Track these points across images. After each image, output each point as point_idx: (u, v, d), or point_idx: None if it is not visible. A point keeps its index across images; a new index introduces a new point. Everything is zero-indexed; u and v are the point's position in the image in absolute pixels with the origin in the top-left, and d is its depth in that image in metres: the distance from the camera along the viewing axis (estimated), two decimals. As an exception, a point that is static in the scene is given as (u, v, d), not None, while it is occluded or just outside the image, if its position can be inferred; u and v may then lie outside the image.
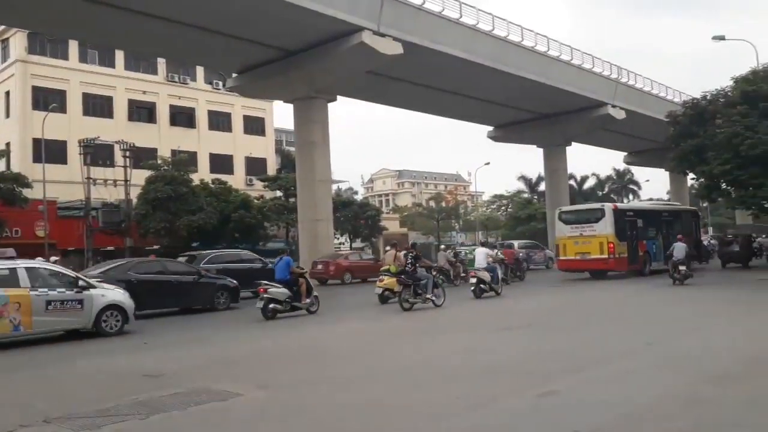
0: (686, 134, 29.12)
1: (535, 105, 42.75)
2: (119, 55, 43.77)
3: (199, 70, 47.44)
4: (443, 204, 77.86)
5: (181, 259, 20.96)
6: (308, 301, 15.37)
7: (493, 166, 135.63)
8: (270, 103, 50.08)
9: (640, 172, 79.56)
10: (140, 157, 35.52)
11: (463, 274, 22.87)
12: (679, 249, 20.68)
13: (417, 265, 15.70)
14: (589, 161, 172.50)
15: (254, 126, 51.36)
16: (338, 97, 33.54)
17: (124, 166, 32.40)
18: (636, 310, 14.67)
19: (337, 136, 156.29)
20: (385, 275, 17.38)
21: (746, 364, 7.53)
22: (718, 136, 25.90)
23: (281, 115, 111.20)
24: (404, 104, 42.52)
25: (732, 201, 29.75)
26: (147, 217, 32.23)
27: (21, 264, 12.15)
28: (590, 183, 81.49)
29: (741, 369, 7.31)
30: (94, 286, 12.62)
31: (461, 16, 32.18)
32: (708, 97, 29.50)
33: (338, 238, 46.06)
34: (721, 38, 29.72)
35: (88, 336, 12.37)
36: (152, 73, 46.02)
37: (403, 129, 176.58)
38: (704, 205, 38.78)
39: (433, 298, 15.54)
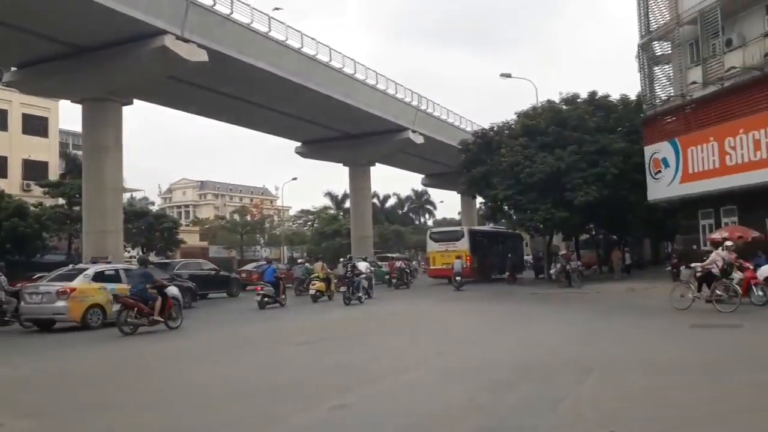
0: (476, 161, 31.79)
1: (341, 125, 43.72)
2: None
3: (-32, 60, 41.31)
4: (248, 218, 76.26)
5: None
6: (283, 297, 20.92)
7: (302, 182, 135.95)
8: (56, 102, 45.16)
9: (436, 194, 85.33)
10: None
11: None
12: (457, 264, 27.61)
13: (354, 273, 21.54)
14: (392, 181, 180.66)
15: (35, 126, 45.72)
16: (136, 100, 31.35)
17: None
18: (437, 320, 15.83)
19: (132, 141, 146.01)
20: (316, 281, 23.07)
21: (519, 372, 8.17)
22: (503, 164, 28.62)
23: (69, 115, 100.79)
24: (210, 113, 40.98)
25: (513, 222, 33.03)
26: None
27: (120, 267, 17.04)
28: (392, 202, 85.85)
29: (515, 376, 7.85)
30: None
31: (270, 30, 31.96)
32: (495, 129, 32.53)
33: (129, 251, 42.77)
34: (508, 76, 32.96)
35: None
36: None
37: (207, 138, 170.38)
38: (489, 225, 42.52)
39: (361, 295, 21.45)
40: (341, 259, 25.23)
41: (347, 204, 63.54)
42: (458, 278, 27.33)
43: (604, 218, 31.41)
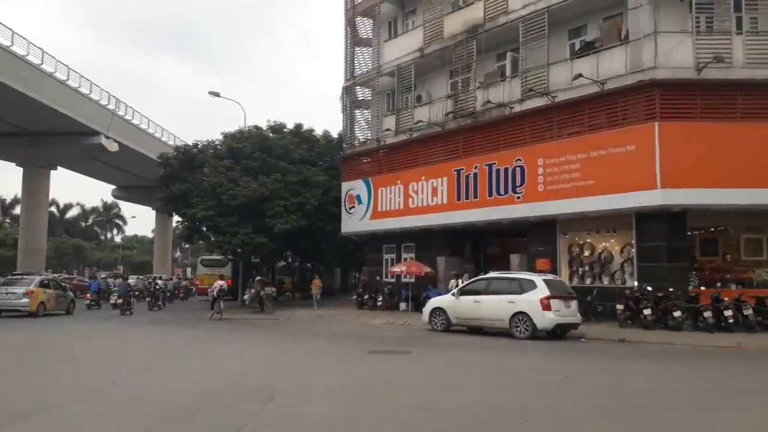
0: (176, 177, 30.23)
1: (19, 119, 37.94)
2: None
3: None
4: None
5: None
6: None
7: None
8: None
9: (128, 208, 79.23)
10: None
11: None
12: (123, 284, 26.86)
13: (155, 288, 28.83)
14: (76, 189, 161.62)
15: None
16: None
17: None
18: (114, 347, 14.17)
19: None
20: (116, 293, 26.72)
21: (199, 400, 7.77)
22: (205, 184, 27.64)
23: None
24: None
25: (211, 244, 32.07)
26: None
27: (50, 277, 26.64)
28: (74, 212, 77.09)
29: (194, 405, 7.49)
30: (67, 289, 25.89)
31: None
32: (199, 146, 31.44)
33: None
34: (217, 95, 32.21)
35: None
36: None
37: None
38: (186, 246, 40.85)
39: (161, 304, 29.11)
40: (146, 276, 32.13)
41: (17, 210, 54.99)
42: (119, 301, 29.20)
43: (301, 247, 32.39)
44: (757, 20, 18.06)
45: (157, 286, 29.59)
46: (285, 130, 31.41)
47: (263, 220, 26.95)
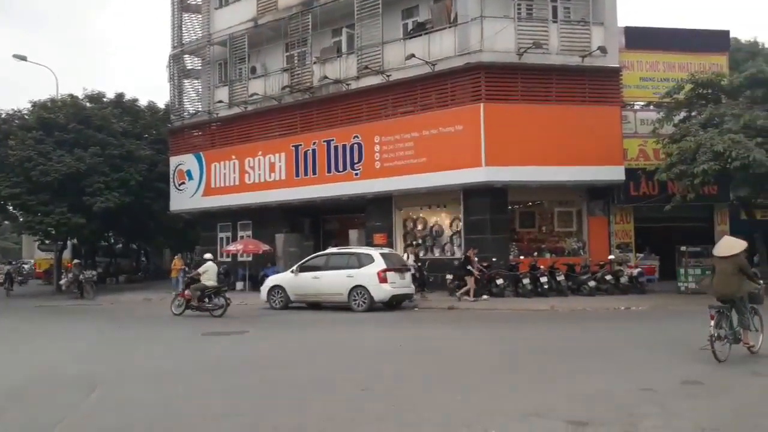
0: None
1: None
2: None
3: None
4: None
5: None
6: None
7: None
8: None
9: None
10: None
11: None
12: None
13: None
14: None
15: None
16: None
17: None
18: None
19: None
20: None
21: (6, 397, 7.09)
22: (10, 158, 24.67)
23: None
24: None
25: (19, 225, 28.84)
26: None
27: None
28: None
29: (6, 399, 6.98)
30: None
31: None
32: (3, 116, 27.89)
33: None
34: (23, 58, 28.67)
35: None
36: None
37: None
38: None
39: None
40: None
41: None
42: None
43: (125, 226, 30.22)
44: (569, 10, 19.75)
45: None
46: (104, 99, 28.85)
47: (81, 197, 24.68)
